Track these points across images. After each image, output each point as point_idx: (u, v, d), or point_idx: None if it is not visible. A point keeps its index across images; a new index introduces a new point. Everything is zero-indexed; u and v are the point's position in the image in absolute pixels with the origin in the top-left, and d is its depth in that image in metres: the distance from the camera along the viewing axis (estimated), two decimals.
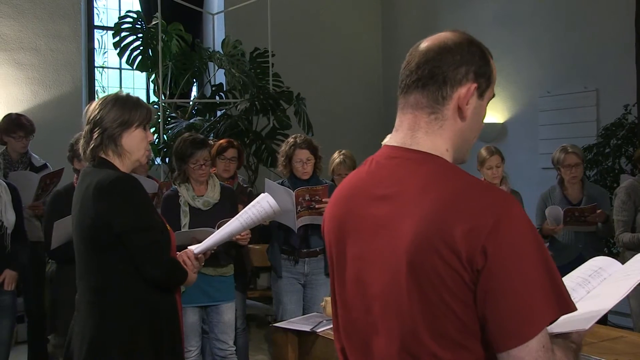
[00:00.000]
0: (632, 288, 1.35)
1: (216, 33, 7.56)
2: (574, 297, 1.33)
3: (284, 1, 7.60)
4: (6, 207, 3.63)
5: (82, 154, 2.39)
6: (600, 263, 1.52)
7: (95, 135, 2.31)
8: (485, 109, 1.32)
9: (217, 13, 7.61)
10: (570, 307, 1.13)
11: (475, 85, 1.25)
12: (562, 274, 1.52)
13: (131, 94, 2.46)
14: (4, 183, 3.72)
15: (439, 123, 1.26)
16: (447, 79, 1.24)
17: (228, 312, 3.76)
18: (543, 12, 6.78)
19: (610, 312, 1.63)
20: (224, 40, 7.16)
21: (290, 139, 4.13)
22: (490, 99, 1.32)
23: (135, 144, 2.36)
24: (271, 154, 6.34)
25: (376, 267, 1.24)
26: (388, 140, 1.34)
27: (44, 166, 4.75)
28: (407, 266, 1.16)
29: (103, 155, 2.33)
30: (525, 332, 1.09)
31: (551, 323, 1.12)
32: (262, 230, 4.06)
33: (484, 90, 1.28)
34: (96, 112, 2.32)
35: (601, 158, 5.58)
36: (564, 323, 1.24)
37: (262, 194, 2.93)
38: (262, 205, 2.85)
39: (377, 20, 8.87)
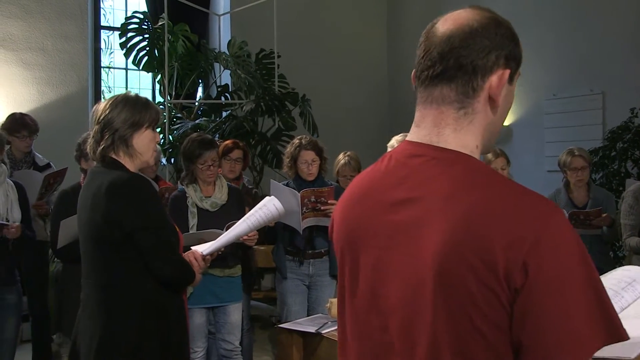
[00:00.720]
0: None
1: (222, 34, 7.57)
2: None
3: (290, 2, 7.61)
4: (12, 205, 3.65)
5: (90, 154, 2.40)
6: (634, 274, 1.37)
7: (106, 135, 2.31)
8: (513, 94, 1.17)
9: (223, 14, 7.62)
10: (621, 335, 0.98)
11: (508, 71, 1.10)
12: None
13: (139, 94, 2.47)
14: (11, 182, 3.74)
15: (468, 118, 1.11)
16: (477, 68, 1.09)
17: (235, 313, 3.76)
18: (548, 14, 6.77)
19: None
20: (229, 41, 7.18)
21: (296, 140, 4.13)
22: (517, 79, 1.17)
23: (146, 145, 2.37)
24: (276, 155, 6.34)
25: (395, 281, 1.10)
26: (396, 140, 1.25)
27: (48, 165, 4.76)
28: (433, 281, 1.02)
29: (114, 156, 2.34)
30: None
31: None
32: (267, 232, 4.06)
33: (514, 73, 1.13)
34: (107, 113, 2.33)
35: (607, 161, 5.56)
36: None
37: (268, 197, 2.95)
38: (268, 208, 2.87)
39: (382, 21, 8.88)
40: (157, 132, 2.46)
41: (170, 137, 6.52)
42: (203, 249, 2.72)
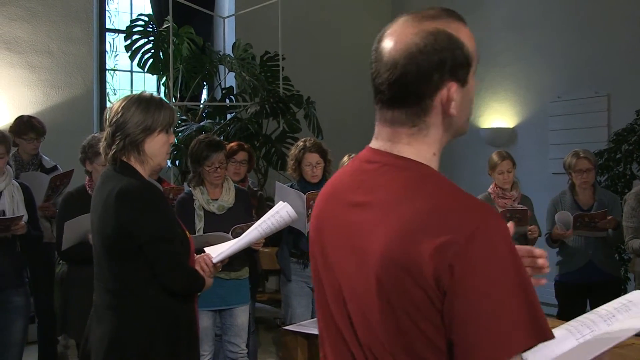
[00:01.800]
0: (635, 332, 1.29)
1: (227, 36, 7.58)
2: (593, 330, 1.28)
3: (295, 5, 7.61)
4: (18, 206, 3.66)
5: (103, 156, 2.36)
6: (632, 297, 1.41)
7: (118, 140, 2.26)
8: (473, 87, 1.19)
9: (228, 17, 7.63)
10: (546, 334, 1.03)
11: (454, 84, 1.14)
12: (572, 280, 1.51)
13: (154, 94, 2.39)
14: (17, 183, 3.75)
15: (423, 132, 1.17)
16: (423, 93, 1.13)
17: (242, 315, 3.74)
18: (553, 16, 6.76)
19: None
20: (234, 43, 7.19)
21: (300, 143, 4.14)
22: (475, 72, 1.20)
23: (157, 149, 2.32)
24: (281, 158, 6.35)
25: (349, 278, 1.17)
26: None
27: (54, 168, 4.76)
28: (376, 282, 1.09)
29: (125, 160, 2.29)
30: (489, 359, 1.01)
31: (526, 350, 1.03)
32: (273, 234, 4.03)
33: (466, 75, 1.16)
34: (119, 116, 2.27)
35: (612, 164, 5.54)
36: (565, 357, 1.18)
37: (280, 203, 2.92)
38: (281, 215, 2.85)
39: (387, 23, 8.86)
40: (172, 133, 2.40)
41: (175, 139, 6.52)
42: (215, 253, 2.69)
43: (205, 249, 2.78)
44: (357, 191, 1.19)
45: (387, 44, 1.17)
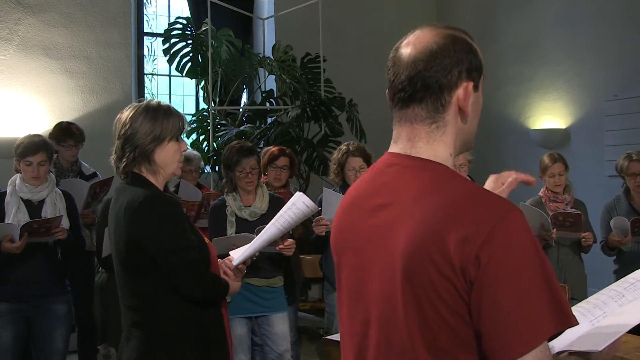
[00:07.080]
0: None
1: (266, 38, 7.51)
2: (605, 311, 1.33)
3: (335, 5, 7.49)
4: (60, 214, 3.64)
5: (115, 169, 2.33)
6: (639, 276, 1.44)
7: (128, 152, 2.24)
8: (482, 97, 1.29)
9: (267, 18, 7.57)
10: (570, 322, 1.07)
11: (471, 83, 1.23)
12: None
13: (161, 102, 2.37)
14: (59, 191, 3.76)
15: (441, 130, 1.23)
16: (443, 86, 1.21)
17: (279, 323, 3.66)
18: (608, 11, 6.52)
19: None
20: (274, 45, 7.10)
21: (343, 147, 4.09)
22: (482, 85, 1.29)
23: (169, 158, 2.28)
24: (323, 162, 6.24)
25: (374, 278, 1.22)
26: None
27: (94, 174, 4.75)
28: (402, 275, 1.14)
29: (136, 171, 2.26)
30: (518, 347, 1.04)
31: (551, 338, 1.07)
32: (316, 241, 3.92)
33: (478, 81, 1.26)
34: (127, 127, 2.24)
35: None
36: (581, 340, 1.21)
37: (296, 194, 2.84)
38: (298, 207, 2.76)
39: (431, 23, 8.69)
40: (185, 141, 2.38)
41: (214, 144, 6.47)
42: (236, 255, 2.65)
43: (230, 252, 2.72)
44: (377, 195, 1.25)
45: (405, 49, 1.26)
